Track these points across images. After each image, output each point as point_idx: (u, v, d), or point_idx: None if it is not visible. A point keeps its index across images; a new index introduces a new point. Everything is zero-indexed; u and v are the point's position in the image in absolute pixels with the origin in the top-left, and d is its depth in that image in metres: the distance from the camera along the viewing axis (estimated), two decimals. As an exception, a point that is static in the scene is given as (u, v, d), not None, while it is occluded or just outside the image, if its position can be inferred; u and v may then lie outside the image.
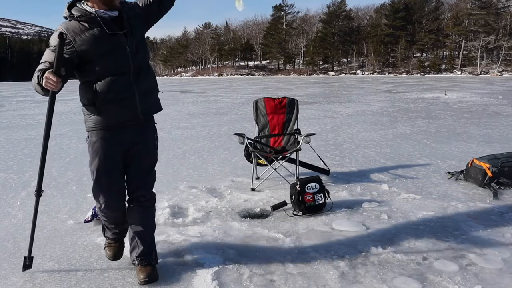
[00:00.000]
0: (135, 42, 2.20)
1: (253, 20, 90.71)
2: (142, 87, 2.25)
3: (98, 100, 2.13)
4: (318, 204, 3.44)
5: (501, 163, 4.08)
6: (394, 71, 62.78)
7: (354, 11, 75.64)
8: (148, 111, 2.33)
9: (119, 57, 2.13)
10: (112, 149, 2.25)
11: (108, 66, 2.11)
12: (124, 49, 2.14)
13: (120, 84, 2.15)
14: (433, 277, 2.37)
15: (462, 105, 12.73)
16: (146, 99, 2.29)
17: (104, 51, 2.09)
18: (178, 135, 7.93)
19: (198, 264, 2.59)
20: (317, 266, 2.53)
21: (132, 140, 2.31)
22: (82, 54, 2.07)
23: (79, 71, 2.15)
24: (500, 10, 60.91)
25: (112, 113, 2.18)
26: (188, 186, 4.33)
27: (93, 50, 2.07)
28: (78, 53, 2.07)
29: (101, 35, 2.09)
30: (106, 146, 2.24)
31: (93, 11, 2.10)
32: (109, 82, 2.12)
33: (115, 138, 2.25)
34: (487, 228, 3.08)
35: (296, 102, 4.64)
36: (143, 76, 2.26)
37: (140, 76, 2.23)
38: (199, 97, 19.50)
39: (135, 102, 2.22)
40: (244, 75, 72.25)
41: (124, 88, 2.17)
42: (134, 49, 2.19)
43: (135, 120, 2.27)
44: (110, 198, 2.35)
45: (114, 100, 2.15)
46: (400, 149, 6.15)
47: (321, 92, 21.43)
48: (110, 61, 2.11)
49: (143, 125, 2.35)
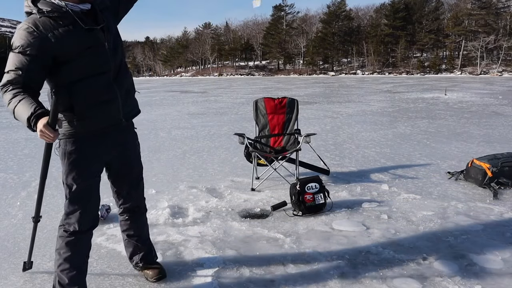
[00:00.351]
0: (112, 38, 1.98)
1: (253, 20, 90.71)
2: (122, 87, 2.04)
3: (76, 104, 1.88)
4: (318, 204, 3.45)
5: (501, 163, 4.08)
6: (394, 71, 62.76)
7: (354, 11, 75.66)
8: (129, 114, 2.13)
9: (99, 55, 1.90)
10: (93, 160, 2.02)
11: (87, 65, 1.87)
12: (103, 46, 1.91)
13: (101, 85, 1.92)
14: (433, 277, 2.37)
15: (462, 105, 12.72)
16: (127, 100, 2.09)
17: (82, 49, 1.84)
18: (178, 135, 7.93)
19: (198, 264, 2.59)
20: (317, 266, 2.53)
21: (115, 148, 2.09)
22: (56, 55, 1.79)
23: (51, 74, 1.86)
24: (500, 10, 60.89)
25: (93, 117, 1.94)
26: (188, 186, 4.33)
27: (70, 49, 1.81)
28: (52, 54, 1.78)
29: (77, 31, 1.83)
30: (86, 156, 1.99)
31: (63, 4, 1.81)
32: (88, 84, 1.88)
33: (96, 146, 2.01)
34: (487, 228, 3.08)
35: (296, 102, 4.64)
36: (122, 75, 2.05)
37: (119, 75, 2.02)
38: (199, 97, 19.50)
39: (118, 104, 1.99)
40: (244, 75, 72.23)
41: (105, 89, 1.94)
42: (112, 46, 1.96)
43: (117, 125, 2.05)
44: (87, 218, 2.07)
45: (95, 103, 1.92)
46: (400, 149, 6.15)
47: (321, 92, 21.43)
48: (89, 60, 1.87)
49: (125, 130, 2.14)
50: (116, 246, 2.83)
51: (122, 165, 2.16)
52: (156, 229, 3.17)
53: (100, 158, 2.06)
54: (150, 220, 3.32)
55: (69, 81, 1.86)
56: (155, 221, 3.32)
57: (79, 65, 1.85)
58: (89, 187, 2.04)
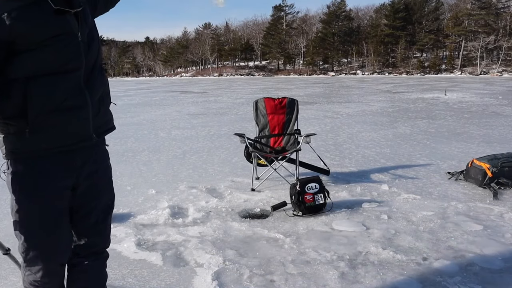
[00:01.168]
0: (87, 30, 1.54)
1: (253, 20, 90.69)
2: (95, 93, 1.56)
3: (32, 109, 1.39)
4: (318, 204, 3.45)
5: (501, 163, 4.08)
6: (394, 71, 62.73)
7: (354, 11, 75.62)
8: (102, 129, 1.64)
9: (68, 46, 1.44)
10: (54, 187, 1.50)
11: (51, 59, 1.41)
12: (75, 36, 1.46)
13: (66, 86, 1.45)
14: (433, 277, 2.37)
15: (462, 105, 12.72)
16: (101, 111, 1.61)
17: (46, 37, 1.39)
18: (178, 135, 7.94)
19: (198, 264, 2.59)
20: (317, 266, 2.53)
21: (83, 170, 1.58)
22: (12, 41, 1.35)
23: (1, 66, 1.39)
24: (500, 10, 60.88)
25: (53, 129, 1.45)
26: (188, 186, 4.33)
27: (32, 35, 1.36)
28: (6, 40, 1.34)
29: (43, 12, 1.39)
30: (44, 181, 1.47)
31: None
32: (50, 82, 1.41)
33: (58, 168, 1.50)
34: (487, 228, 3.08)
35: (296, 102, 4.64)
36: (96, 78, 1.58)
37: (92, 78, 1.55)
38: (199, 97, 19.51)
39: (88, 114, 1.52)
40: (244, 76, 72.21)
41: (73, 92, 1.46)
42: (87, 39, 1.53)
43: (86, 142, 1.55)
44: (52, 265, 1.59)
45: (57, 110, 1.43)
46: (400, 149, 6.15)
47: (321, 92, 21.43)
48: (54, 52, 1.41)
49: (95, 147, 1.64)
50: (116, 246, 2.83)
51: (88, 192, 1.64)
52: (156, 229, 3.17)
53: (64, 183, 1.54)
54: (150, 220, 3.34)
55: (24, 77, 1.39)
56: (155, 221, 3.32)
57: (40, 58, 1.40)
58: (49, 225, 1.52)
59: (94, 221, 1.69)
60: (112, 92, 1.73)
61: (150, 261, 2.65)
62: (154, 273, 2.50)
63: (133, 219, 3.39)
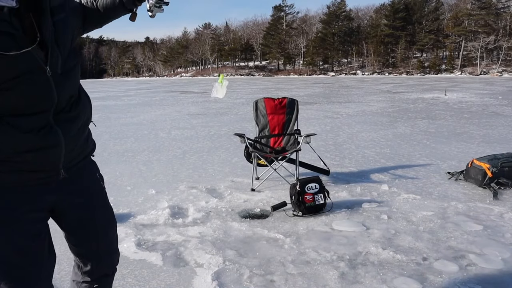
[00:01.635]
0: (62, 57, 1.26)
1: (253, 20, 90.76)
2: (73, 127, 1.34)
3: None
4: (318, 205, 3.45)
5: (501, 164, 4.08)
6: (394, 72, 62.77)
7: (354, 12, 75.68)
8: (73, 161, 1.39)
9: (35, 85, 1.19)
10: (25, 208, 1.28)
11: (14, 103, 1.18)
12: (43, 72, 1.20)
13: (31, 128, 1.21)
14: (433, 277, 2.37)
15: (462, 105, 12.73)
16: (77, 145, 1.39)
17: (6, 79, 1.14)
18: (178, 135, 7.94)
19: (198, 264, 2.59)
20: (317, 266, 2.53)
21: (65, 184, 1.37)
22: None
23: None
24: (500, 10, 60.91)
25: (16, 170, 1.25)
26: (188, 186, 4.33)
27: None
28: None
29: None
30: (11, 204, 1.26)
31: None
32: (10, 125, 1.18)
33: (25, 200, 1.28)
34: (487, 228, 3.08)
35: (296, 102, 4.64)
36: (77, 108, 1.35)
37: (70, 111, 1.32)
38: (199, 97, 19.50)
39: (58, 153, 1.29)
40: (244, 76, 72.24)
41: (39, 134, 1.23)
42: (61, 69, 1.26)
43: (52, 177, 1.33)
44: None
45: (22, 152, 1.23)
46: (400, 149, 6.15)
47: (321, 92, 21.43)
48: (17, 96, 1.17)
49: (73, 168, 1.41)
50: (116, 246, 2.83)
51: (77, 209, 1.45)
52: (156, 229, 3.17)
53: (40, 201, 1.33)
54: (150, 220, 3.34)
55: None
56: (155, 221, 3.32)
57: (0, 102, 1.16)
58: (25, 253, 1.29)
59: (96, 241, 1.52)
60: (112, 92, 1.74)
61: (150, 261, 2.65)
62: (154, 273, 2.50)
63: (133, 219, 3.39)
